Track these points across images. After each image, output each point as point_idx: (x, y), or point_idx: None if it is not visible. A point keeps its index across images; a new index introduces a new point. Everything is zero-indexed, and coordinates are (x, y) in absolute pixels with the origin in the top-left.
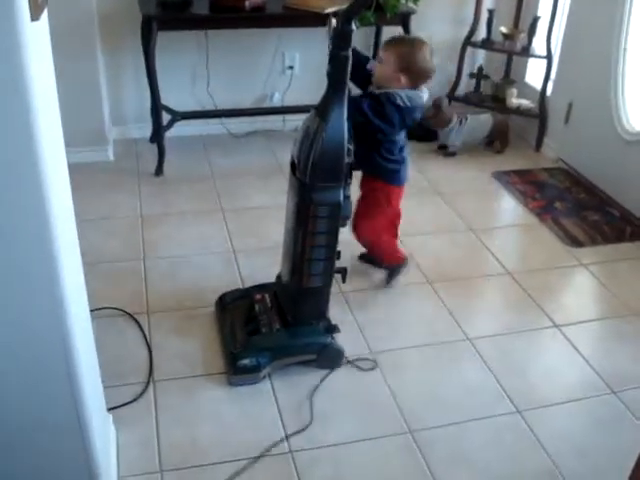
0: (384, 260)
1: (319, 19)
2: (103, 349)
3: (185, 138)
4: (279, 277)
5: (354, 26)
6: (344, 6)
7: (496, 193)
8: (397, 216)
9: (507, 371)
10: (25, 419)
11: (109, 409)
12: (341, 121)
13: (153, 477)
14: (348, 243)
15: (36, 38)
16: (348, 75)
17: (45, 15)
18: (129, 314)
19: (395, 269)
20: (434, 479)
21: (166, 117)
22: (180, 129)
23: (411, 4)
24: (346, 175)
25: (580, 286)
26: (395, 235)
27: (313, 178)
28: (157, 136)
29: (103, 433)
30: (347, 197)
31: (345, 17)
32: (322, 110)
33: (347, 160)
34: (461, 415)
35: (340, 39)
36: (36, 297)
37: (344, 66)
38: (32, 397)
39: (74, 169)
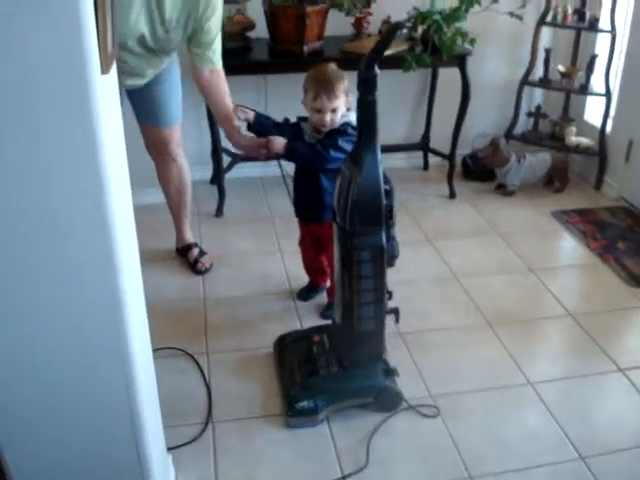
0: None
1: None
2: (163, 389)
3: (244, 179)
4: (334, 319)
5: (377, 70)
6: (399, 48)
7: (556, 233)
8: None
9: (570, 416)
10: (87, 458)
11: (169, 449)
12: (375, 165)
13: None
14: (400, 283)
15: (106, 91)
16: (377, 119)
17: (114, 67)
18: (189, 354)
19: None
20: None
21: (226, 159)
22: (239, 171)
23: (467, 45)
24: (387, 217)
25: None
26: None
27: (353, 223)
28: (217, 178)
29: (163, 473)
30: (392, 238)
31: (367, 62)
32: (356, 156)
33: (385, 202)
34: (523, 462)
35: (365, 84)
36: (101, 337)
37: (372, 111)
38: (95, 436)
39: (138, 210)
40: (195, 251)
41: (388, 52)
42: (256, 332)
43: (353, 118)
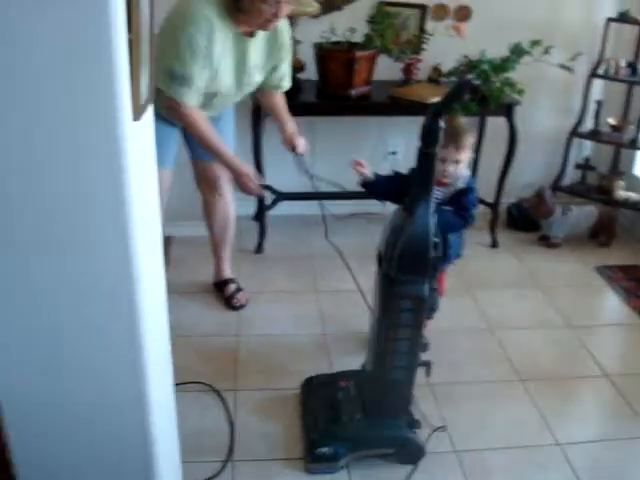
0: None
1: (423, 108)
2: (187, 424)
3: (288, 217)
4: (364, 366)
5: (441, 124)
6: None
7: (598, 289)
8: None
9: None
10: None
11: None
12: (427, 216)
13: None
14: (434, 331)
15: (137, 136)
16: (434, 173)
17: (149, 113)
18: (216, 390)
19: None
20: None
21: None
22: (283, 208)
23: (516, 95)
24: (432, 269)
25: None
26: None
27: (398, 271)
28: (260, 215)
29: None
30: (434, 289)
31: (433, 114)
32: (409, 205)
33: (433, 254)
34: None
35: (427, 136)
36: (120, 365)
37: (431, 164)
38: (107, 465)
39: (177, 241)
40: (232, 286)
41: (433, 99)
42: (286, 372)
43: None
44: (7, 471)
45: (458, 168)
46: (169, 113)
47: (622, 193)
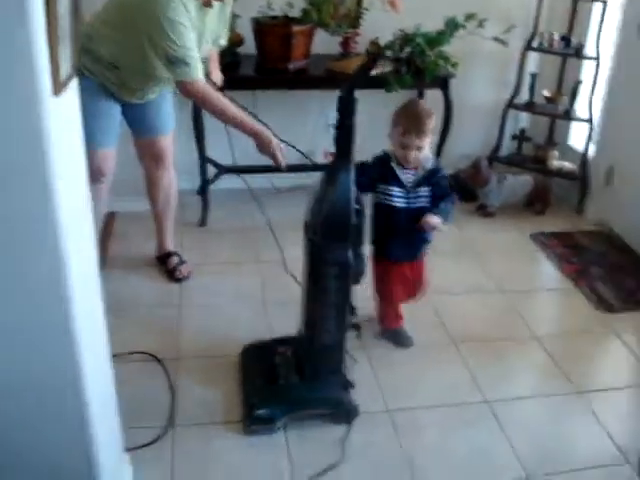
0: None
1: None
2: (129, 391)
3: (231, 191)
4: (299, 331)
5: (355, 96)
6: (386, 69)
7: (532, 255)
8: None
9: (521, 436)
10: (31, 435)
11: (128, 449)
12: (347, 184)
13: None
14: (368, 298)
15: (60, 112)
16: (353, 141)
17: (73, 89)
18: (158, 359)
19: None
20: None
21: (213, 171)
22: (227, 182)
23: (450, 68)
24: (355, 235)
25: (609, 353)
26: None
27: (323, 238)
28: (203, 188)
29: (116, 472)
30: (359, 256)
31: (348, 87)
32: (331, 175)
33: (354, 221)
34: (468, 477)
35: (344, 108)
36: (50, 334)
37: (349, 134)
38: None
39: (120, 216)
40: (174, 259)
41: (373, 72)
42: (227, 341)
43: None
44: None
45: (421, 153)
46: (186, 97)
47: (556, 163)
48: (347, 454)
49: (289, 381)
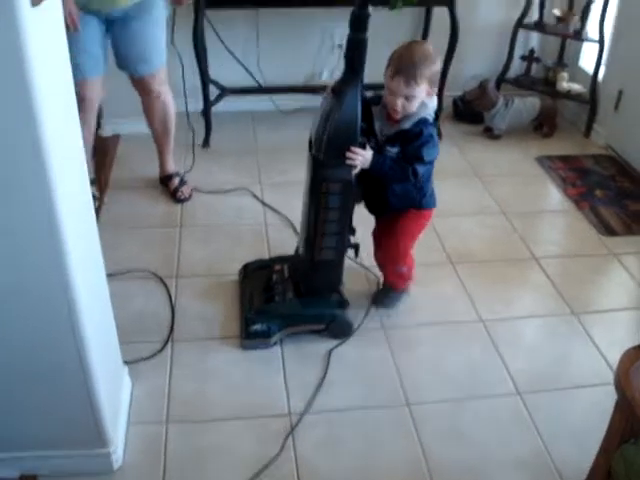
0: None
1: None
2: (130, 308)
3: (235, 113)
4: (297, 250)
5: (370, 10)
6: None
7: (537, 178)
8: None
9: (515, 354)
10: (30, 363)
11: (127, 362)
12: (355, 102)
13: (159, 426)
14: (369, 219)
15: (39, 23)
16: (364, 58)
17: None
18: (158, 277)
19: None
20: (423, 449)
21: (216, 92)
22: (230, 104)
23: None
24: None
25: (607, 276)
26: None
27: (326, 155)
28: (205, 110)
29: (112, 382)
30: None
31: (361, 1)
32: (338, 91)
33: (360, 139)
34: (461, 392)
35: (357, 23)
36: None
37: (361, 49)
38: (37, 341)
39: (125, 138)
40: (176, 180)
41: None
42: (226, 260)
43: (432, 107)
44: None
45: (411, 104)
46: None
47: (565, 85)
48: (341, 368)
49: (285, 297)
